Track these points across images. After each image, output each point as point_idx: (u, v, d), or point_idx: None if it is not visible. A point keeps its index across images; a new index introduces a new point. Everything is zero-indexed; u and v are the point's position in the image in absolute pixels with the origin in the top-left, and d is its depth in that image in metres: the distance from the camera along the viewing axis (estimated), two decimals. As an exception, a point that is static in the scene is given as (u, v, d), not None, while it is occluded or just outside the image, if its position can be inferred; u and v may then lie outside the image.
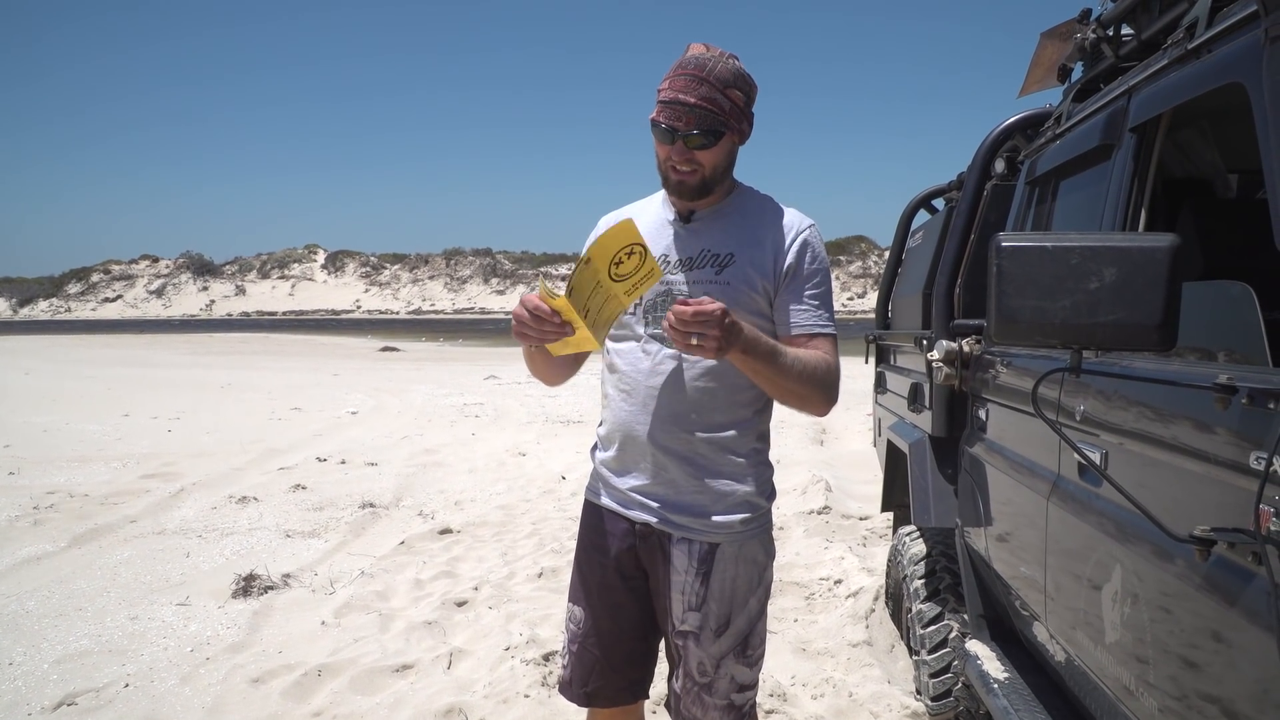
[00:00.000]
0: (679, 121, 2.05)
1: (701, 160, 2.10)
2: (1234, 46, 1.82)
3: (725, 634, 2.19)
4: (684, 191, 2.14)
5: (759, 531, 2.23)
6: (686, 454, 2.17)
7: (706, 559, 2.17)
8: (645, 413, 2.18)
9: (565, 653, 2.39)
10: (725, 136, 2.10)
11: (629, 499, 2.24)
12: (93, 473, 8.86)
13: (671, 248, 2.20)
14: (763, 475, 2.24)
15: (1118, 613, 1.97)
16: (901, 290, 5.10)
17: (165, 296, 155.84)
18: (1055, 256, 1.60)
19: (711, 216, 2.21)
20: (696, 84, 2.04)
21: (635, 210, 2.33)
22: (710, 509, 2.17)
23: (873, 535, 6.47)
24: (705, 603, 2.18)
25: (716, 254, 2.16)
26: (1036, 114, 3.56)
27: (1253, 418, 1.48)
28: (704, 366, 2.14)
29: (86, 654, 4.26)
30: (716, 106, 2.05)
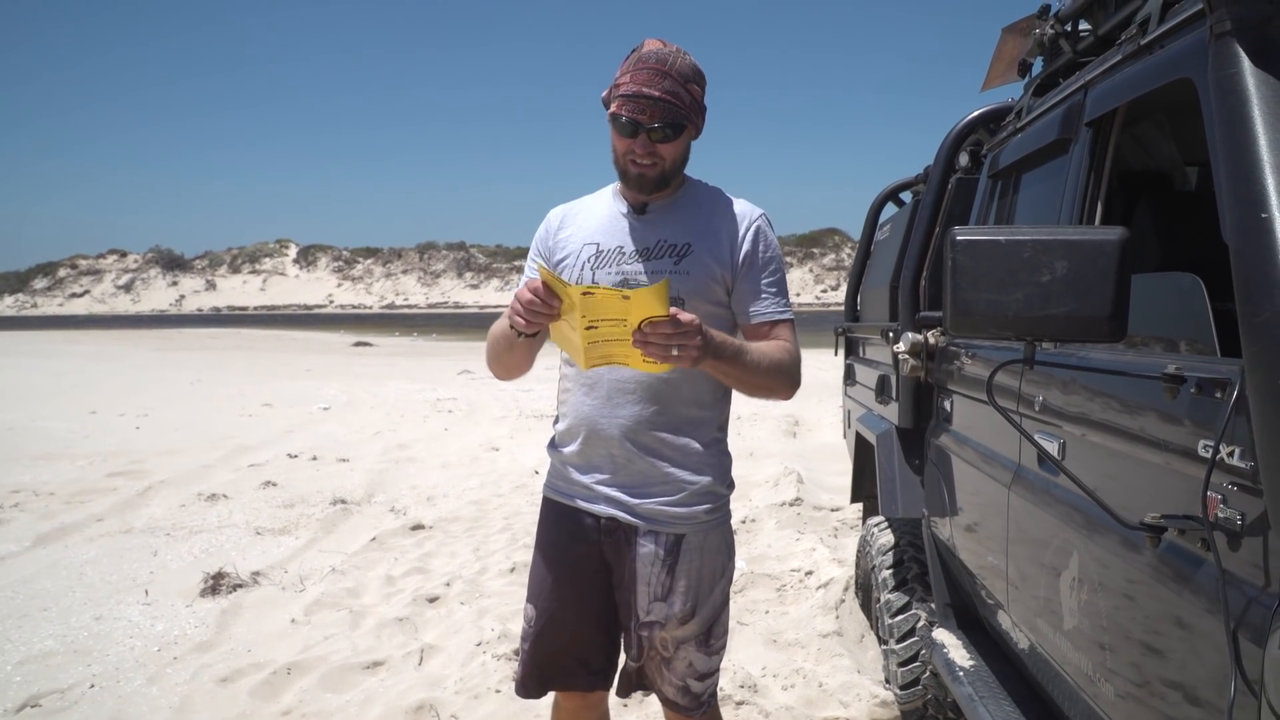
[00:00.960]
0: (643, 115, 2.07)
1: (663, 153, 2.12)
2: (1183, 43, 1.85)
3: (689, 624, 2.22)
4: (644, 185, 2.17)
5: (721, 521, 2.27)
6: (652, 446, 2.19)
7: (673, 550, 2.20)
8: (609, 406, 2.20)
9: (520, 654, 2.39)
10: (686, 130, 2.13)
11: (594, 494, 2.25)
12: (58, 471, 8.76)
13: (628, 239, 2.23)
14: (724, 465, 2.28)
15: (1075, 600, 2.00)
16: (870, 283, 5.13)
17: (134, 292, 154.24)
18: (1008, 250, 1.62)
19: (665, 208, 2.23)
20: (660, 78, 2.06)
21: (586, 204, 2.35)
22: (676, 500, 2.19)
23: (844, 526, 6.51)
24: (671, 594, 2.20)
25: (674, 244, 2.19)
26: (998, 108, 3.59)
27: (1201, 406, 1.51)
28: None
29: (51, 655, 4.22)
30: (679, 100, 2.08)
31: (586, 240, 2.26)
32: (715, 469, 2.24)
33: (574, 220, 2.33)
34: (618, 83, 2.11)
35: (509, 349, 2.22)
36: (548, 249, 2.33)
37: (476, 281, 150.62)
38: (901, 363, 3.39)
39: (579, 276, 2.21)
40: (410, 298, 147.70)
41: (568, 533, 2.30)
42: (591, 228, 2.28)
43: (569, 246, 2.29)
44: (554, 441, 2.38)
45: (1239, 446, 1.39)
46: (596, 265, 2.22)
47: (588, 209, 2.33)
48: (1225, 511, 1.43)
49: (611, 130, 2.15)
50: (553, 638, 2.31)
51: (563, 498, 2.33)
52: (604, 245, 2.24)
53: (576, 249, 2.27)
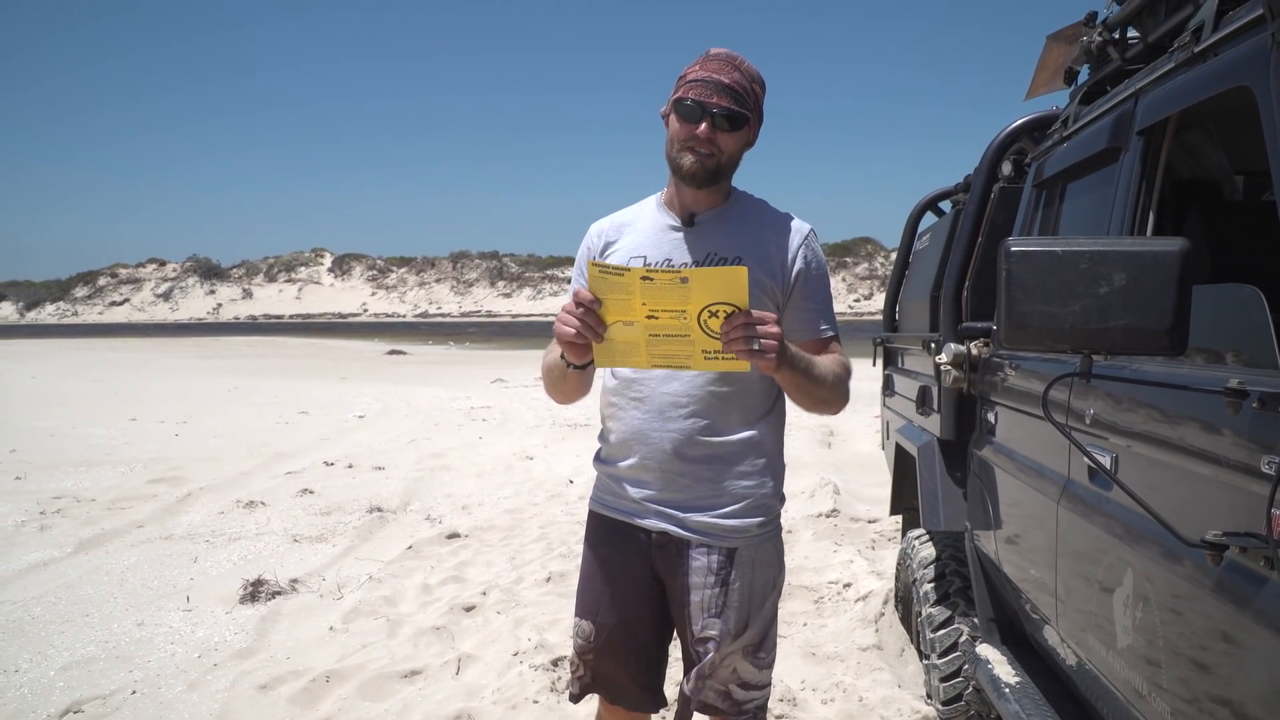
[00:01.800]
0: (711, 97, 2.06)
1: (722, 144, 2.10)
2: (1240, 50, 1.82)
3: (742, 637, 2.20)
4: (699, 176, 2.12)
5: (773, 534, 2.26)
6: (704, 459, 2.17)
7: (726, 564, 2.18)
8: (661, 419, 2.17)
9: (577, 664, 2.36)
10: (746, 126, 2.13)
11: (644, 509, 2.23)
12: (99, 477, 8.88)
13: (676, 252, 2.20)
14: (778, 477, 2.27)
15: (1129, 617, 1.96)
16: (909, 293, 5.09)
17: (172, 300, 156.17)
18: (1065, 261, 1.60)
19: (714, 220, 2.20)
20: (730, 69, 2.09)
21: (630, 216, 2.31)
22: (728, 514, 2.18)
23: (881, 538, 6.46)
24: (725, 609, 2.18)
25: (724, 258, 2.15)
26: (1043, 116, 3.56)
27: (1264, 422, 1.47)
28: (718, 373, 2.13)
29: (93, 660, 4.27)
30: (747, 94, 2.10)
31: (634, 253, 2.23)
32: (770, 481, 2.23)
33: (619, 235, 2.30)
34: (684, 74, 2.12)
35: (563, 378, 2.20)
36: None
37: (509, 290, 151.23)
38: (944, 374, 3.36)
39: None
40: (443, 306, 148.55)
41: (618, 547, 2.28)
42: (638, 241, 2.25)
43: (615, 260, 2.24)
44: (600, 456, 2.35)
45: (1305, 463, 1.36)
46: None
47: (634, 222, 2.30)
48: (1291, 530, 1.39)
49: (672, 120, 2.13)
50: (614, 653, 2.30)
51: (612, 512, 2.30)
52: (651, 258, 2.20)
53: (623, 262, 2.22)
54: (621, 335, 1.95)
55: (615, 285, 1.88)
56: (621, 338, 1.96)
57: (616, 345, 1.97)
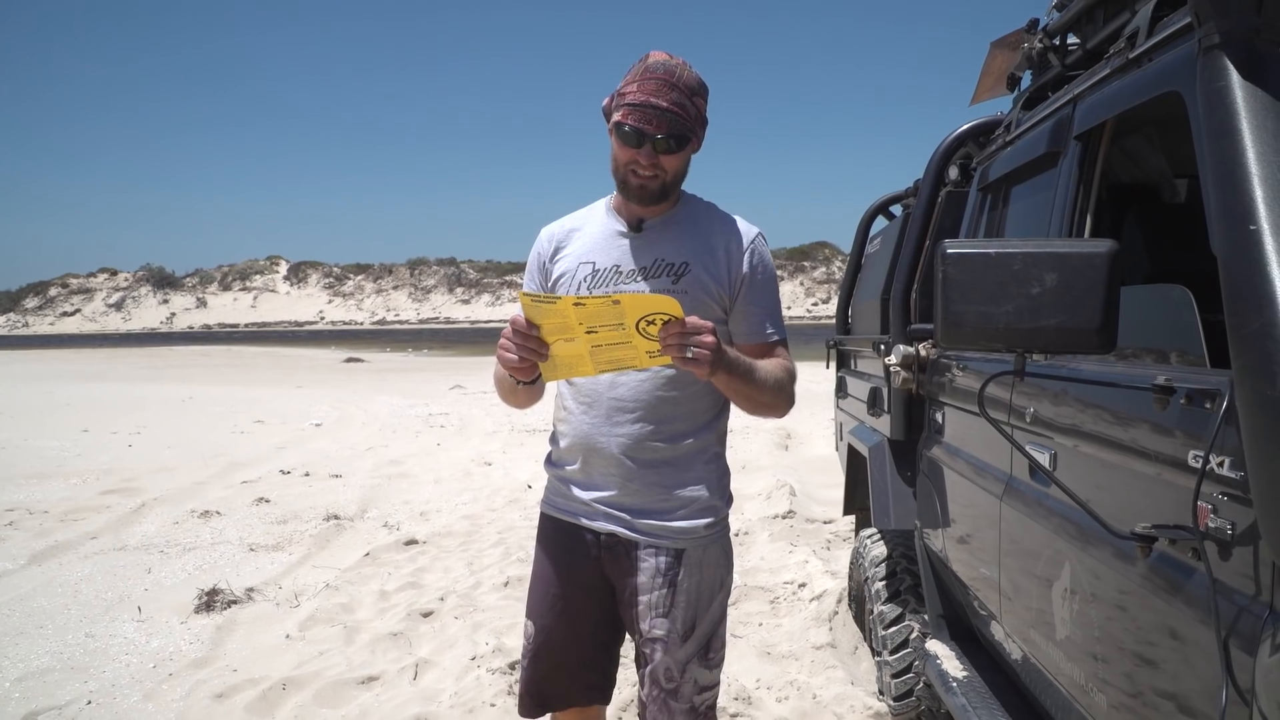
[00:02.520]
0: (649, 125, 2.05)
1: (666, 165, 2.11)
2: (1171, 56, 1.87)
3: (691, 638, 2.20)
4: (645, 196, 2.14)
5: (720, 536, 2.27)
6: (652, 463, 2.19)
7: (673, 565, 2.19)
8: (609, 424, 2.19)
9: (520, 669, 2.39)
10: (689, 143, 2.12)
11: (594, 510, 2.25)
12: (52, 489, 8.73)
13: (624, 258, 2.21)
14: (723, 480, 2.29)
15: (1068, 610, 2.01)
16: (861, 296, 5.15)
17: (125, 310, 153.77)
18: (998, 262, 1.64)
19: (662, 225, 2.22)
20: (667, 89, 2.05)
21: (578, 220, 2.33)
22: (676, 515, 2.20)
23: (836, 539, 6.52)
24: (673, 609, 2.19)
25: (671, 263, 2.17)
26: (987, 122, 3.63)
27: (1191, 417, 1.53)
28: (665, 376, 2.16)
29: (48, 671, 4.21)
30: (685, 113, 2.07)
31: (582, 259, 2.24)
32: (714, 484, 2.25)
33: (568, 240, 2.30)
34: (622, 92, 2.09)
35: (513, 392, 2.23)
36: (544, 272, 2.31)
37: (468, 297, 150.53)
38: (893, 375, 3.41)
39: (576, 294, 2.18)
40: (401, 313, 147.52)
41: (567, 549, 2.30)
42: (587, 247, 2.26)
43: (564, 266, 2.26)
44: (551, 459, 2.38)
45: (1229, 457, 1.41)
46: (593, 285, 2.21)
47: (582, 227, 2.30)
48: (1216, 521, 1.44)
49: (613, 140, 2.12)
50: (551, 654, 2.31)
51: (562, 514, 2.32)
52: (600, 264, 2.22)
53: (572, 268, 2.24)
54: (564, 351, 1.98)
55: (549, 312, 1.92)
56: (565, 353, 1.99)
57: (560, 360, 2.01)
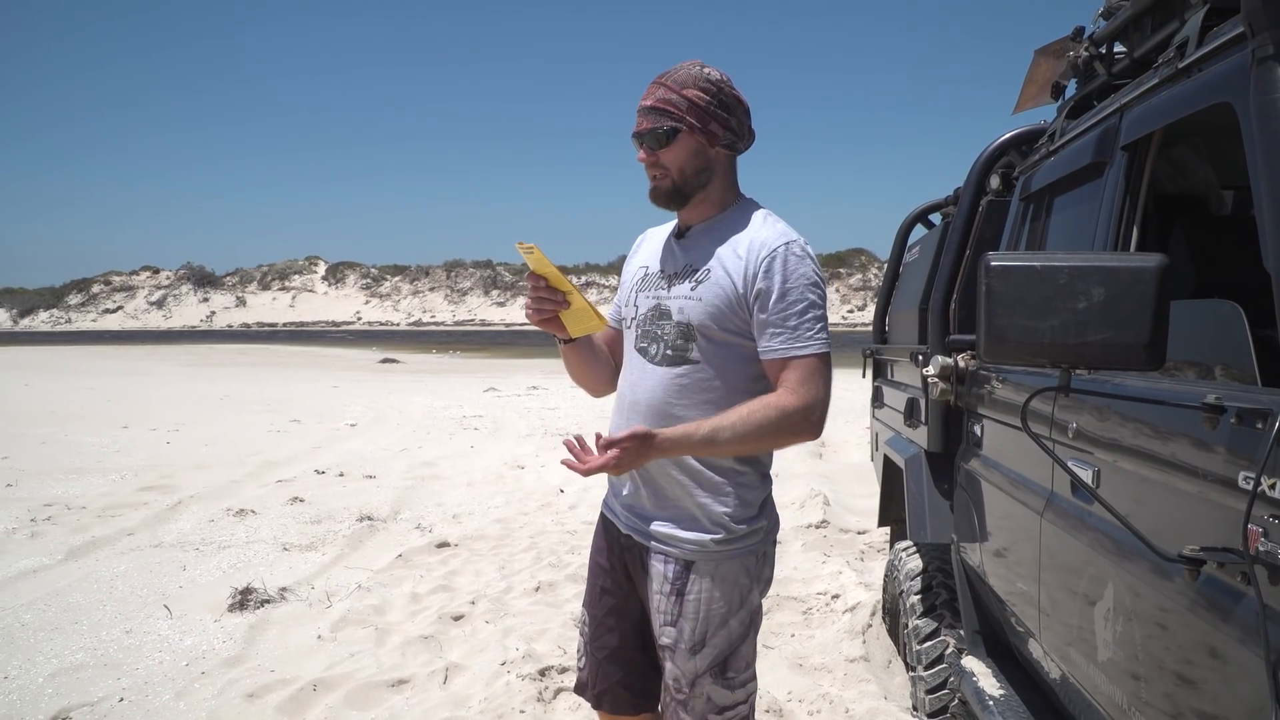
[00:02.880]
0: (640, 125, 2.13)
1: (665, 162, 2.13)
2: (1223, 66, 1.83)
3: (700, 653, 2.16)
4: (658, 197, 2.19)
5: (740, 553, 2.18)
6: (663, 469, 2.18)
7: (681, 576, 2.17)
8: (627, 425, 2.18)
9: (581, 653, 2.46)
10: (684, 134, 2.11)
11: (618, 511, 2.32)
12: (90, 485, 8.86)
13: (667, 262, 2.25)
14: (742, 497, 2.18)
15: (1110, 631, 1.97)
16: (898, 305, 5.10)
17: (166, 308, 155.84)
18: (1044, 276, 1.60)
19: (702, 232, 2.23)
20: (655, 89, 2.14)
21: (664, 228, 2.38)
22: (683, 526, 2.17)
23: (870, 550, 6.46)
24: (679, 620, 2.17)
25: (695, 268, 2.18)
26: (1030, 130, 3.58)
27: (1241, 437, 1.48)
28: (680, 384, 2.15)
29: (82, 668, 4.26)
30: (671, 105, 2.10)
31: (642, 263, 2.34)
32: (733, 499, 2.16)
33: (645, 242, 2.42)
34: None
35: (566, 360, 2.37)
36: (625, 272, 2.42)
37: (503, 299, 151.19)
38: (931, 386, 3.37)
39: (629, 298, 2.30)
40: (437, 315, 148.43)
41: (607, 545, 2.39)
42: (651, 250, 2.34)
43: (631, 268, 2.37)
44: None
45: (1281, 479, 1.36)
46: (640, 288, 2.28)
47: (660, 232, 2.38)
48: (1266, 545, 1.40)
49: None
50: (599, 645, 2.38)
51: (605, 509, 2.42)
52: (651, 268, 2.29)
53: (635, 270, 2.35)
54: (577, 302, 2.16)
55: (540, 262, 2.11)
56: (577, 304, 2.16)
57: (575, 313, 2.18)
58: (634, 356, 2.25)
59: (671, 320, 2.16)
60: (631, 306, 2.28)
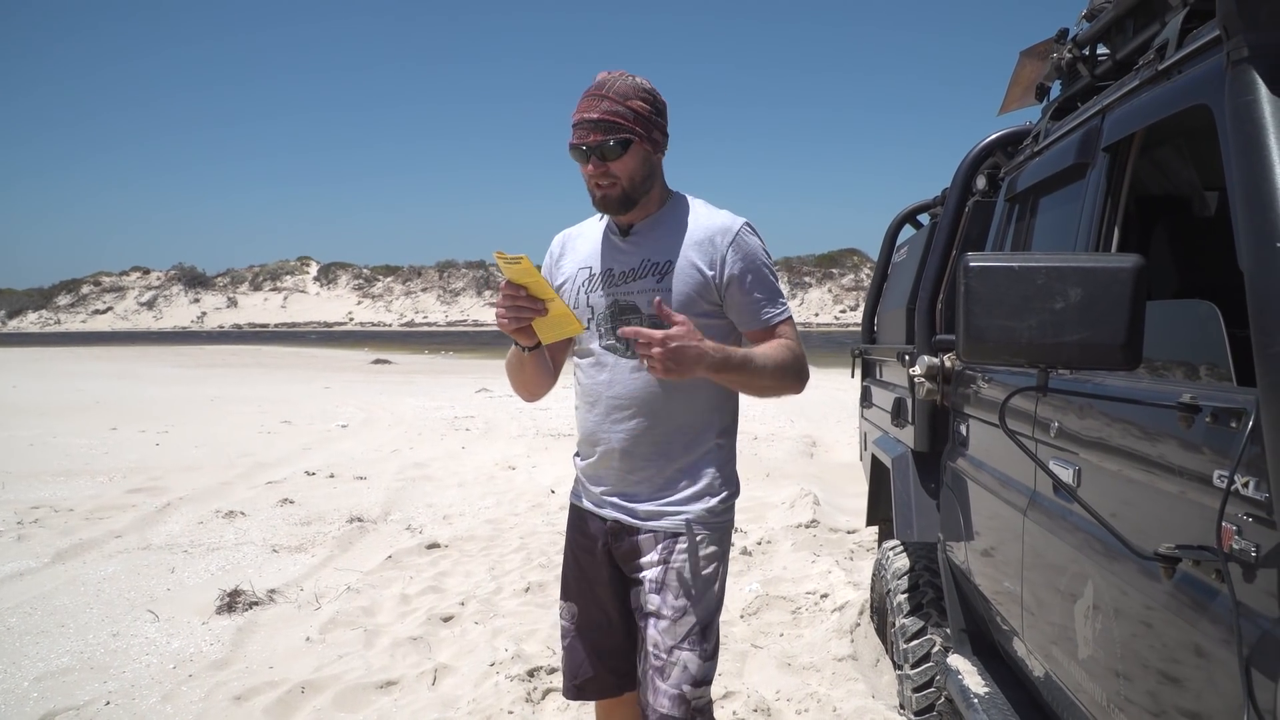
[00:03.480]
0: (586, 137, 2.17)
1: (616, 171, 2.19)
2: (1200, 69, 1.84)
3: (683, 618, 2.27)
4: (609, 206, 2.25)
5: (721, 525, 2.34)
6: (649, 455, 2.30)
7: (668, 546, 2.29)
8: (608, 421, 2.32)
9: (566, 644, 2.52)
10: (635, 144, 2.19)
11: (601, 500, 2.39)
12: (78, 487, 8.83)
13: (616, 261, 2.32)
14: (723, 470, 2.35)
15: (1090, 628, 1.98)
16: (886, 305, 5.12)
17: (156, 308, 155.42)
18: (1022, 276, 1.62)
19: (649, 227, 2.31)
20: (597, 101, 2.18)
21: (583, 227, 2.47)
22: (673, 501, 2.29)
23: (860, 549, 6.47)
24: (664, 587, 2.28)
25: (656, 262, 2.26)
26: (1016, 131, 3.59)
27: (1216, 436, 1.50)
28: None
29: (67, 671, 4.24)
30: (619, 117, 2.16)
31: (581, 265, 2.38)
32: (713, 473, 2.31)
33: (572, 246, 2.45)
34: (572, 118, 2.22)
35: (520, 367, 2.36)
36: (550, 276, 2.44)
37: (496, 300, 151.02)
38: (917, 386, 3.38)
39: (575, 300, 2.34)
40: (430, 315, 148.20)
41: (585, 535, 2.45)
42: (586, 252, 2.39)
43: (566, 271, 2.41)
44: (576, 451, 2.51)
45: (1254, 477, 1.38)
46: (590, 289, 2.34)
47: (585, 233, 2.44)
48: (1240, 543, 1.41)
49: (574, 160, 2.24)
50: (582, 636, 2.46)
51: (580, 502, 2.47)
52: (595, 269, 2.34)
53: (573, 273, 2.39)
54: (554, 309, 2.15)
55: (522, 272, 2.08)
56: (556, 311, 2.15)
57: (553, 318, 2.17)
58: (602, 355, 2.32)
59: (641, 314, 2.25)
60: (585, 309, 2.34)
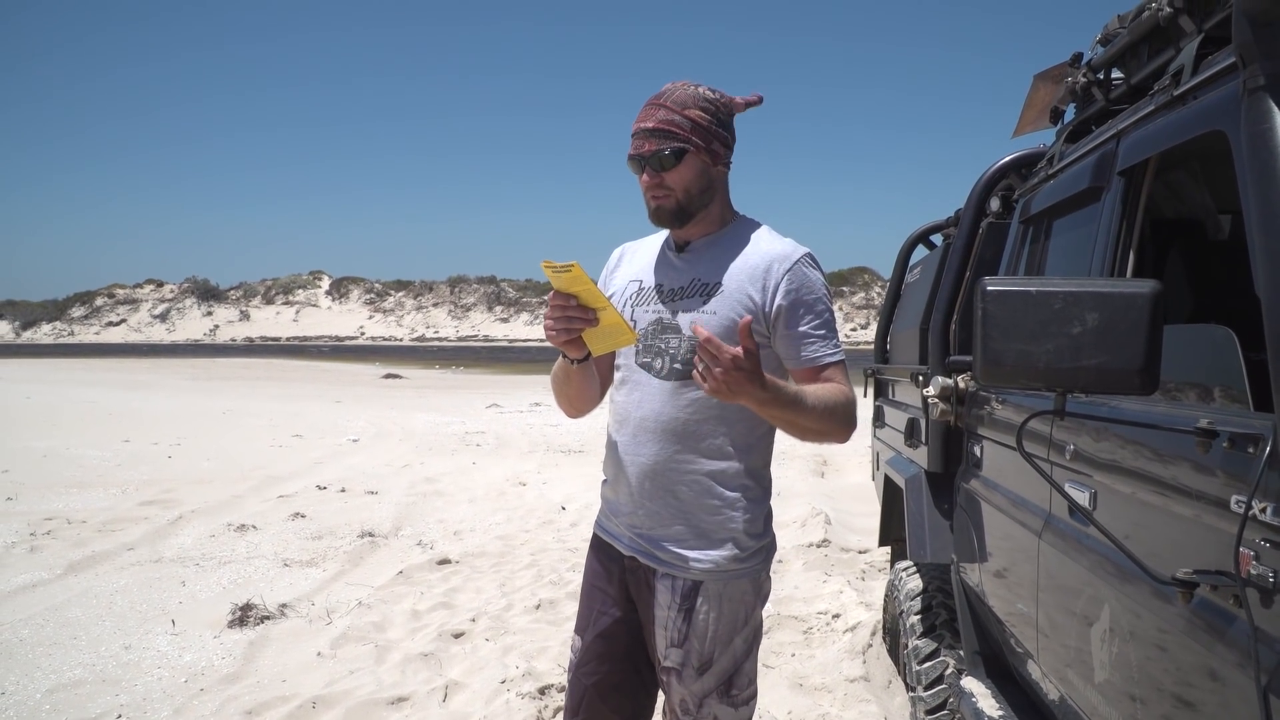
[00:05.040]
0: (642, 147, 2.12)
1: (671, 183, 2.13)
2: (1216, 95, 1.85)
3: (708, 673, 2.17)
4: (662, 218, 2.18)
5: (748, 571, 2.19)
6: (670, 488, 2.17)
7: (689, 596, 2.16)
8: (634, 444, 2.20)
9: (570, 680, 2.41)
10: (690, 155, 2.12)
11: (619, 531, 2.28)
12: (91, 499, 8.87)
13: (667, 277, 2.24)
14: (752, 514, 2.20)
15: (1107, 652, 1.98)
16: (899, 325, 5.13)
17: (169, 321, 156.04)
18: (1039, 301, 1.62)
19: (705, 246, 2.23)
20: (654, 110, 2.13)
21: (645, 242, 2.39)
22: (692, 546, 2.16)
23: (871, 569, 6.46)
24: (687, 639, 2.16)
25: (705, 283, 2.17)
26: (1030, 154, 3.61)
27: (1233, 461, 1.50)
28: (692, 399, 2.14)
29: (80, 684, 4.26)
30: (675, 126, 2.10)
31: (633, 277, 2.31)
32: (742, 517, 2.17)
33: (629, 258, 2.39)
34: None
35: (566, 380, 2.27)
36: (604, 287, 2.36)
37: (507, 315, 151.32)
38: (931, 407, 3.38)
39: (622, 313, 2.21)
40: (441, 330, 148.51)
41: (604, 567, 2.33)
42: (640, 265, 2.32)
43: (618, 282, 2.34)
44: (603, 475, 2.40)
45: (1272, 503, 1.38)
46: (637, 302, 2.25)
47: (644, 247, 2.38)
48: (1258, 568, 1.41)
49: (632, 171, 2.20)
50: (589, 670, 2.32)
51: (602, 532, 2.37)
52: (646, 283, 2.27)
53: (623, 285, 2.32)
54: (606, 319, 2.06)
55: (572, 281, 2.00)
56: (607, 321, 2.06)
57: (604, 328, 2.07)
58: (635, 372, 2.23)
59: (681, 334, 2.16)
60: (628, 323, 2.26)
